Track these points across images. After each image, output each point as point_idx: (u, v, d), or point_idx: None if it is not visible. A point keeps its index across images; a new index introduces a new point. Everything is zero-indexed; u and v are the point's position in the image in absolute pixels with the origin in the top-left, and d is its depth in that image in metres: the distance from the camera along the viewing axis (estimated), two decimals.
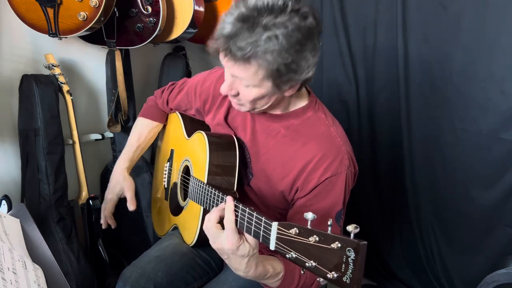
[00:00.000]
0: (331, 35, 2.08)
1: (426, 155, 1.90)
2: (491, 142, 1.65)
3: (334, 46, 2.09)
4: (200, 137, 1.17)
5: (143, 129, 1.42)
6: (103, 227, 1.36)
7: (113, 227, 1.35)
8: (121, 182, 1.32)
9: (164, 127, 1.48)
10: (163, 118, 1.45)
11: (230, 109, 1.18)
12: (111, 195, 1.33)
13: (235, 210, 0.86)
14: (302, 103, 1.08)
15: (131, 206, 1.29)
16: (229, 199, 0.88)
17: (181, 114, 1.39)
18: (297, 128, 1.07)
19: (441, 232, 1.91)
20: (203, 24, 1.82)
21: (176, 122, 1.40)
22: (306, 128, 1.06)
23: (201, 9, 1.76)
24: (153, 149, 1.20)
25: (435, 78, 1.80)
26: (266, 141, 1.10)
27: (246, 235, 0.86)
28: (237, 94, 0.99)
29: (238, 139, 1.15)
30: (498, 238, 1.69)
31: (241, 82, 0.95)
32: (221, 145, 1.13)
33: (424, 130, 1.88)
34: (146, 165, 1.83)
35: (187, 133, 1.32)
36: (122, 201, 1.86)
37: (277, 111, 1.08)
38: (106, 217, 1.34)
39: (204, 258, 1.23)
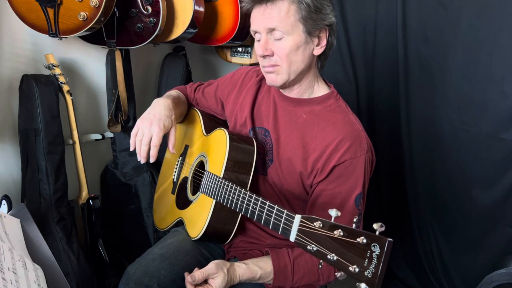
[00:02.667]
0: None
1: (426, 155, 1.90)
2: (491, 142, 1.66)
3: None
4: (221, 133, 1.20)
5: (180, 93, 1.41)
6: (143, 161, 1.16)
7: (154, 159, 1.15)
8: (170, 117, 1.20)
9: (179, 124, 1.47)
10: (187, 103, 1.44)
11: (257, 95, 1.24)
12: (158, 128, 1.15)
13: (254, 203, 0.96)
14: (324, 91, 1.16)
15: (173, 148, 1.20)
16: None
17: (200, 111, 1.40)
18: (319, 113, 1.13)
19: (441, 232, 1.91)
20: (203, 24, 1.82)
21: (194, 119, 1.41)
22: (327, 113, 1.12)
23: (201, 9, 1.76)
24: (161, 147, 1.19)
25: (435, 78, 1.80)
26: (288, 125, 1.15)
27: (197, 273, 1.01)
28: (272, 54, 1.06)
29: (257, 141, 1.19)
30: (498, 238, 1.69)
31: (274, 38, 1.04)
32: (241, 143, 1.15)
33: (424, 130, 1.88)
34: (146, 165, 1.83)
35: (205, 130, 1.33)
36: (121, 201, 1.86)
37: (304, 95, 1.15)
38: (155, 148, 1.14)
39: (206, 256, 1.24)
